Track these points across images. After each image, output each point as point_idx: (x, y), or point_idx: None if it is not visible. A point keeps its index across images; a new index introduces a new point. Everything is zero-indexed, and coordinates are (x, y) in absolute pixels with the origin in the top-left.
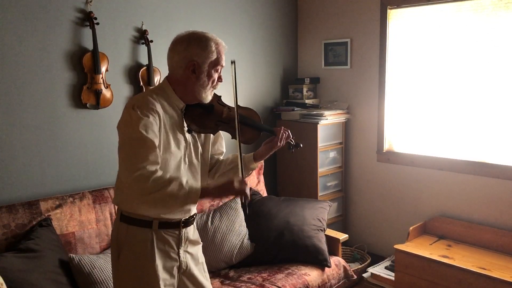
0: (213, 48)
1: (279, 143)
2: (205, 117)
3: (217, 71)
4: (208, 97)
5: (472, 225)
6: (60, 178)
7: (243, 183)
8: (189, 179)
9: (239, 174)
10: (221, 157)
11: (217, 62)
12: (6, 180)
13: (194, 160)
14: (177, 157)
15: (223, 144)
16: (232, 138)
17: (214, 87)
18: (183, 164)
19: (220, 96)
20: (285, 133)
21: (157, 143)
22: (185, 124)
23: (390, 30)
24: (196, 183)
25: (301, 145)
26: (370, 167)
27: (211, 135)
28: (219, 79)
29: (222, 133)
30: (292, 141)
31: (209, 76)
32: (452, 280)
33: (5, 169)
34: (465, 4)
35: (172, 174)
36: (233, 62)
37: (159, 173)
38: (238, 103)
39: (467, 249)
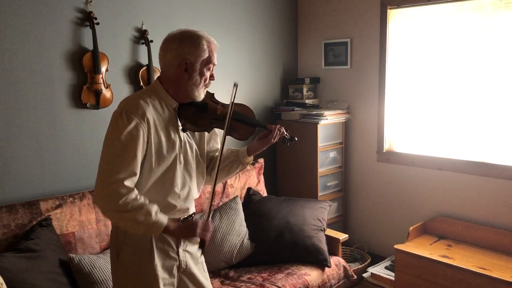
0: (205, 47)
1: (272, 140)
2: (199, 116)
3: (209, 69)
4: (201, 95)
5: (472, 225)
6: (60, 178)
7: (206, 227)
8: (185, 178)
9: (205, 217)
10: (217, 153)
11: (209, 61)
12: (6, 180)
13: (190, 159)
14: (171, 158)
15: (218, 140)
16: (226, 135)
17: (206, 86)
18: (178, 164)
19: (213, 94)
20: (279, 131)
21: (139, 155)
22: (179, 124)
23: (390, 30)
24: (192, 187)
25: (296, 139)
26: (370, 167)
27: (206, 133)
28: (211, 77)
29: (216, 130)
30: (287, 135)
31: (202, 74)
32: (452, 280)
33: (5, 169)
34: (465, 4)
35: (169, 176)
36: (235, 85)
37: (133, 194)
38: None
39: (467, 249)
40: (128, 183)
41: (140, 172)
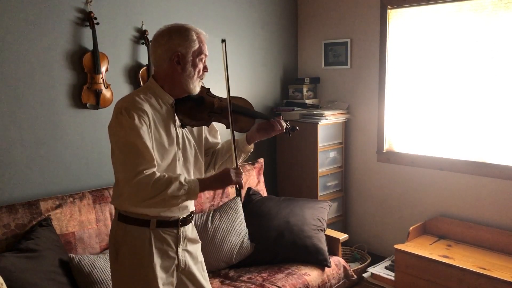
0: (194, 37)
1: (273, 135)
2: (197, 110)
3: (201, 60)
4: (196, 88)
5: (472, 225)
6: (60, 178)
7: (238, 172)
8: (184, 175)
9: (234, 163)
10: (219, 147)
11: (200, 51)
12: (6, 180)
13: (189, 156)
14: (171, 154)
15: (218, 136)
16: (227, 128)
17: (200, 78)
18: (177, 160)
19: (209, 88)
20: (281, 126)
21: (149, 144)
22: (177, 120)
23: (390, 30)
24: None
25: (297, 128)
26: (370, 167)
27: (204, 129)
28: (205, 68)
29: (216, 124)
30: (288, 126)
31: (194, 65)
32: (452, 280)
33: (5, 169)
34: (465, 4)
35: (169, 172)
36: (223, 41)
37: (157, 174)
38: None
39: (467, 249)
40: (149, 171)
41: None
